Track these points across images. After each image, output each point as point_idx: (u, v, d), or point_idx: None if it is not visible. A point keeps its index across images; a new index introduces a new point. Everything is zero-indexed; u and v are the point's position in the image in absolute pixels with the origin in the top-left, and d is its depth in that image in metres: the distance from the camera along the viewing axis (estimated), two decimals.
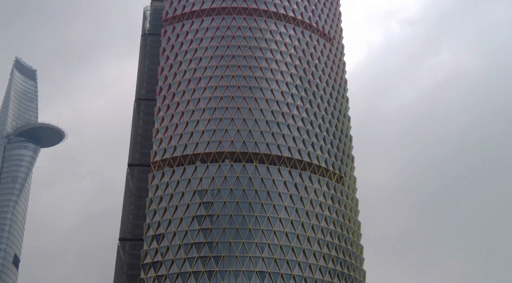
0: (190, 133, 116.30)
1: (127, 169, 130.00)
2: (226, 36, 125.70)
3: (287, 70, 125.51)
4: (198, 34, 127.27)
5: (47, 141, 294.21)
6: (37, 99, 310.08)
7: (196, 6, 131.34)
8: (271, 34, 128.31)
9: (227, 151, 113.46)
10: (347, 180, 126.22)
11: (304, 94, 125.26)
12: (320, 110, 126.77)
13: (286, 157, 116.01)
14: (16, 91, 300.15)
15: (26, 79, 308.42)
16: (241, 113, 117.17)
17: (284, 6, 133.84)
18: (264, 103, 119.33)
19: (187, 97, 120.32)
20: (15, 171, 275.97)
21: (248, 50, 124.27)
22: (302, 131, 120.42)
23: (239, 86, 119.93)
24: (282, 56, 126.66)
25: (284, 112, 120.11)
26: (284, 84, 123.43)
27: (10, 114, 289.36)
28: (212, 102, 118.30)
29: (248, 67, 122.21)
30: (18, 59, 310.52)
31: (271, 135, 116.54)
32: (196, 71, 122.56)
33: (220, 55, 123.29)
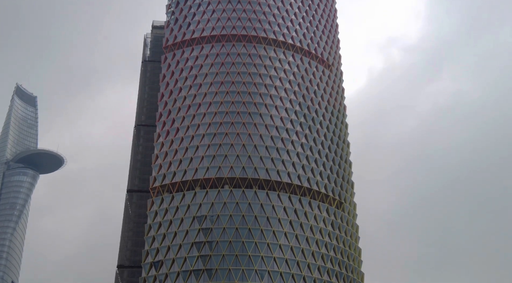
0: (189, 158, 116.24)
1: (126, 195, 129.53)
2: (225, 63, 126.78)
3: (287, 96, 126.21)
4: (198, 61, 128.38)
5: (46, 167, 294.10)
6: (37, 125, 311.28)
7: (196, 34, 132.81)
8: (270, 60, 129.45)
9: (226, 176, 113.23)
10: (347, 206, 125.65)
11: (304, 120, 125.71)
12: (320, 135, 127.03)
13: (286, 182, 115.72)
14: (16, 117, 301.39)
15: (27, 106, 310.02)
16: (240, 138, 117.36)
17: (283, 34, 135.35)
18: (263, 129, 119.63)
19: (187, 122, 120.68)
20: (13, 198, 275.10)
21: (248, 77, 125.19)
22: (301, 157, 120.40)
23: (238, 112, 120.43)
24: (281, 82, 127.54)
25: (284, 137, 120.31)
26: (284, 110, 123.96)
27: (10, 141, 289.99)
28: (212, 127, 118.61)
29: (247, 93, 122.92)
30: (18, 85, 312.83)
31: (270, 161, 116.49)
32: (196, 97, 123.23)
33: (220, 81, 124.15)
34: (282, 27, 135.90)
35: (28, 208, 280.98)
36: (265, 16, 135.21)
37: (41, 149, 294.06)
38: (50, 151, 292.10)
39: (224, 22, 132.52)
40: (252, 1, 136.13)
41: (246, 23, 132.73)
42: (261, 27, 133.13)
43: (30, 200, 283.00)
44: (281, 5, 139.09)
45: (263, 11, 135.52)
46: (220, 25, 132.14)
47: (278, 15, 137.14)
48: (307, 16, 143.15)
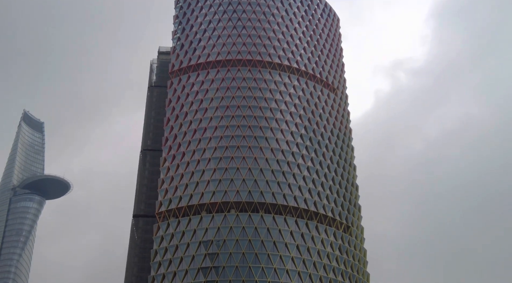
0: (195, 183, 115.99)
1: (132, 220, 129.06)
2: (231, 87, 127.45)
3: (292, 119, 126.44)
4: (204, 85, 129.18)
5: (53, 193, 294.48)
6: (44, 151, 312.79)
7: (202, 59, 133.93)
8: (276, 84, 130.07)
9: (232, 201, 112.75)
10: (355, 230, 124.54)
11: (309, 143, 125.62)
12: (326, 159, 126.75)
13: (292, 206, 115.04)
14: (23, 143, 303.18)
15: (34, 132, 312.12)
16: (246, 162, 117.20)
17: (288, 58, 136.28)
18: (269, 153, 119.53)
19: (193, 147, 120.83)
20: (19, 224, 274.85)
21: (253, 101, 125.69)
22: (308, 180, 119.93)
23: (244, 136, 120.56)
24: (286, 106, 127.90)
25: (290, 161, 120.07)
26: (289, 134, 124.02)
27: (17, 167, 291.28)
28: (218, 151, 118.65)
29: (253, 117, 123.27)
30: (26, 112, 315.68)
31: (276, 185, 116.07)
32: (202, 122, 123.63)
33: (226, 105, 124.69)
34: (287, 52, 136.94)
35: (34, 234, 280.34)
36: (270, 41, 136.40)
37: (47, 175, 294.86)
38: (56, 177, 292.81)
39: (229, 47, 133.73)
40: (257, 27, 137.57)
41: (251, 48, 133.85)
42: (266, 52, 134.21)
43: (36, 226, 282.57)
44: (286, 30, 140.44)
45: (268, 36, 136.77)
46: (226, 50, 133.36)
47: (283, 39, 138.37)
48: (312, 41, 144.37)
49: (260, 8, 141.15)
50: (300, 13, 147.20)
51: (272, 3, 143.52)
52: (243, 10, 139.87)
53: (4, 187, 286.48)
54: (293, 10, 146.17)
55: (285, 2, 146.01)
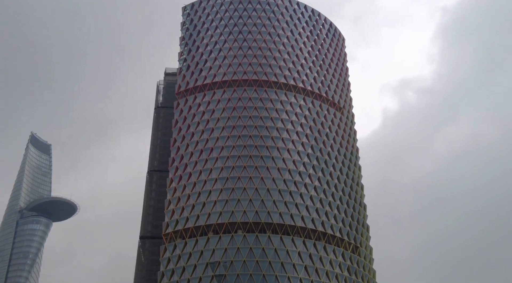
0: (202, 203, 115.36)
1: (138, 242, 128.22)
2: (237, 107, 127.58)
3: (298, 139, 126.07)
4: (210, 106, 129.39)
5: (59, 215, 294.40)
6: (51, 173, 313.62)
7: (208, 79, 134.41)
8: (282, 104, 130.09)
9: (239, 221, 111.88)
10: (363, 251, 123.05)
11: (316, 162, 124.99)
12: (333, 178, 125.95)
13: (300, 227, 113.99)
14: (31, 165, 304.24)
15: (41, 154, 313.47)
16: (253, 182, 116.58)
17: (294, 78, 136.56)
18: (276, 172, 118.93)
19: (199, 167, 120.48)
20: (26, 247, 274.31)
21: (259, 121, 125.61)
22: (315, 200, 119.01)
23: (251, 155, 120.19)
24: (293, 125, 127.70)
25: (297, 181, 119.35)
26: (296, 153, 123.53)
27: (24, 189, 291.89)
28: (224, 172, 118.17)
29: (259, 137, 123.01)
30: (33, 134, 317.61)
31: (284, 205, 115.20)
32: (208, 142, 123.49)
33: (232, 125, 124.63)
34: (292, 71, 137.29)
35: (41, 257, 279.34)
36: (275, 61, 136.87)
37: (54, 197, 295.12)
38: (63, 199, 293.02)
39: (235, 68, 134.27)
40: (263, 47, 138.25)
41: (257, 68, 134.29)
42: (271, 72, 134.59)
43: (43, 249, 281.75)
44: (291, 50, 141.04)
45: (273, 56, 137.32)
46: (232, 71, 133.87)
47: (289, 59, 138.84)
48: (317, 60, 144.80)
49: (265, 29, 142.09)
50: (305, 33, 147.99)
51: (277, 24, 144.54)
52: (249, 31, 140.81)
53: (11, 209, 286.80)
54: (299, 30, 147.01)
55: (290, 23, 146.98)
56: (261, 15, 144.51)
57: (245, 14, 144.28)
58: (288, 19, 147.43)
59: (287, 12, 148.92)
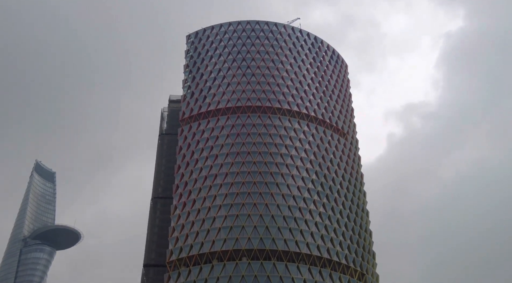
0: (206, 230, 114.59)
1: (142, 270, 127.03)
2: (241, 134, 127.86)
3: (303, 165, 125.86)
4: (214, 132, 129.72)
5: (63, 243, 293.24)
6: (55, 201, 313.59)
7: (212, 106, 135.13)
8: (285, 130, 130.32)
9: (244, 248, 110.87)
10: (370, 278, 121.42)
11: (321, 188, 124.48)
12: (338, 204, 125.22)
13: (305, 253, 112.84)
14: (35, 193, 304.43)
15: (45, 182, 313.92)
16: (257, 209, 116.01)
17: (298, 104, 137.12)
18: (280, 199, 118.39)
19: (203, 194, 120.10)
20: (30, 275, 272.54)
21: (263, 147, 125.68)
22: (320, 227, 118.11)
23: (255, 182, 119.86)
24: (297, 151, 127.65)
25: (301, 207, 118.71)
26: (300, 179, 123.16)
27: (28, 217, 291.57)
28: (228, 198, 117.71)
29: (263, 163, 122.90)
30: (38, 162, 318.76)
31: (288, 231, 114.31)
32: (212, 168, 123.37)
33: (236, 152, 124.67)
34: (296, 98, 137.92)
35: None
36: (279, 88, 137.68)
37: (58, 225, 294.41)
38: (67, 227, 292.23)
39: (239, 94, 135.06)
40: (266, 74, 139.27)
41: (260, 95, 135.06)
42: (275, 98, 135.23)
43: (46, 278, 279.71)
44: (295, 77, 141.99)
45: (277, 83, 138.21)
46: (235, 97, 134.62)
47: (292, 86, 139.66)
48: (321, 86, 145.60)
49: (268, 56, 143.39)
50: (308, 60, 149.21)
51: (280, 51, 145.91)
52: (252, 58, 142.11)
53: (15, 238, 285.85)
54: (302, 57, 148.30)
55: (293, 50, 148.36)
56: (264, 43, 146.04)
57: (249, 42, 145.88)
58: (291, 46, 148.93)
59: (290, 39, 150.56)
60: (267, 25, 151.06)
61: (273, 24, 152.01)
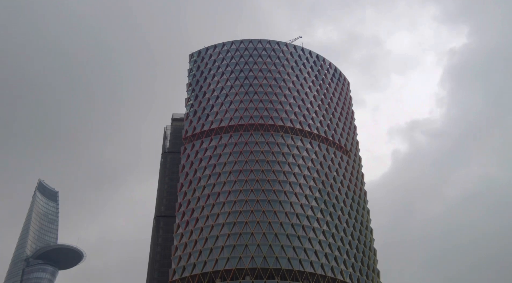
0: (209, 249, 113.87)
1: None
2: (244, 151, 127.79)
3: (306, 182, 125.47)
4: (217, 150, 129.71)
5: (66, 263, 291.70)
6: (58, 220, 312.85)
7: (214, 124, 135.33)
8: (288, 148, 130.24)
9: (247, 267, 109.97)
10: None
11: (324, 206, 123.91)
12: (341, 222, 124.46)
13: (309, 272, 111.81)
14: (38, 213, 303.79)
15: (48, 201, 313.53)
16: (260, 227, 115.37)
17: (300, 122, 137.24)
18: (284, 217, 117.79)
19: (206, 212, 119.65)
20: None
21: (266, 164, 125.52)
22: (323, 245, 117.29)
23: (258, 200, 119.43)
24: (300, 169, 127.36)
25: (305, 225, 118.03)
26: (303, 197, 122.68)
27: (30, 237, 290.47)
28: (231, 216, 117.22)
29: (266, 181, 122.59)
30: (41, 181, 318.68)
31: (292, 250, 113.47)
32: (215, 186, 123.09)
33: (239, 170, 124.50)
34: (298, 115, 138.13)
35: None
36: (281, 105, 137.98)
37: (60, 245, 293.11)
38: (69, 246, 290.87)
39: (241, 112, 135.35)
40: (269, 92, 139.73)
41: (263, 113, 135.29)
42: (278, 116, 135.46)
43: None
44: (297, 95, 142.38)
45: (279, 101, 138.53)
46: (238, 115, 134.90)
47: (294, 104, 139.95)
48: (323, 104, 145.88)
49: (271, 74, 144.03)
50: (310, 77, 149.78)
51: (282, 69, 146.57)
52: (255, 76, 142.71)
53: (17, 257, 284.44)
54: (304, 75, 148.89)
55: (295, 68, 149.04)
56: (267, 61, 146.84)
57: (251, 60, 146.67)
58: (293, 64, 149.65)
59: (292, 58, 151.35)
60: (269, 44, 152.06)
61: (275, 42, 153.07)
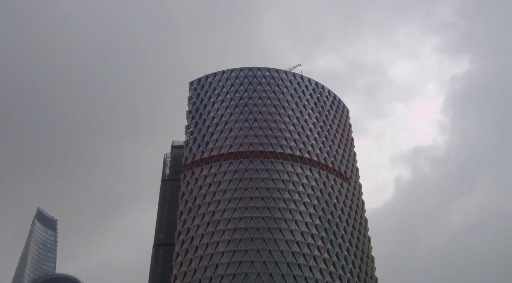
0: (209, 278, 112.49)
1: None
2: (244, 178, 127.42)
3: (306, 210, 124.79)
4: (217, 178, 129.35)
5: None
6: (56, 249, 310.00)
7: (214, 151, 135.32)
8: (288, 175, 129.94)
9: None
10: None
11: (325, 234, 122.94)
12: (342, 250, 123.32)
13: None
14: (36, 242, 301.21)
15: (47, 229, 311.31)
16: (261, 255, 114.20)
17: (300, 148, 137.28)
18: (284, 245, 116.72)
19: (206, 240, 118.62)
20: None
21: (266, 192, 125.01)
22: (325, 273, 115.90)
23: (258, 227, 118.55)
24: (300, 196, 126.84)
25: (306, 253, 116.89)
26: (304, 225, 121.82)
27: (28, 266, 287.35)
28: (231, 244, 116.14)
29: (266, 208, 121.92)
30: (40, 209, 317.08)
31: (293, 278, 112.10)
32: (215, 214, 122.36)
33: (239, 197, 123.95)
34: (298, 142, 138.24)
35: None
36: (281, 133, 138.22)
37: (58, 274, 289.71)
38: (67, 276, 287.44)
39: (241, 140, 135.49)
40: (268, 119, 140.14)
41: (263, 140, 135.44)
42: (277, 143, 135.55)
43: None
44: (297, 122, 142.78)
45: (279, 128, 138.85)
46: (238, 143, 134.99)
47: (294, 131, 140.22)
48: (322, 131, 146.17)
49: (270, 101, 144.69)
50: (310, 105, 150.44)
51: (282, 96, 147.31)
52: (254, 104, 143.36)
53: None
54: (303, 102, 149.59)
55: (295, 95, 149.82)
56: (266, 88, 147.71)
57: (250, 88, 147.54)
58: (293, 91, 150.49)
59: (291, 85, 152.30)
60: (269, 72, 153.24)
61: (274, 70, 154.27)
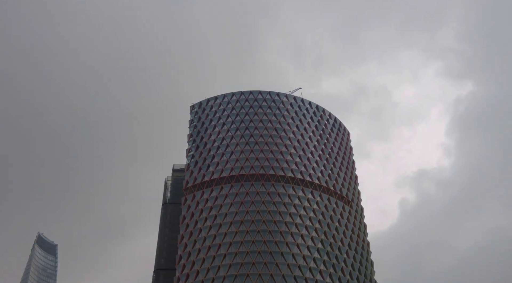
0: None
1: None
2: (245, 202, 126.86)
3: (308, 233, 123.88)
4: (218, 201, 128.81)
5: None
6: (56, 274, 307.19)
7: (215, 175, 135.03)
8: (290, 198, 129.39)
9: None
10: None
11: (327, 258, 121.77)
12: (345, 274, 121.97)
13: None
14: (36, 267, 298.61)
15: (47, 255, 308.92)
16: (262, 280, 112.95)
17: (301, 172, 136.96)
18: (286, 269, 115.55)
19: (207, 265, 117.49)
20: None
21: (267, 215, 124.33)
22: None
23: (259, 251, 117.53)
24: (301, 219, 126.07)
25: (308, 277, 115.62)
26: (306, 248, 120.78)
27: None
28: (233, 269, 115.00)
29: (268, 231, 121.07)
30: (40, 234, 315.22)
31: None
32: (216, 238, 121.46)
33: (240, 220, 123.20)
34: (299, 166, 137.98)
35: None
36: (282, 156, 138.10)
37: None
38: None
39: (242, 163, 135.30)
40: (269, 142, 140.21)
41: (264, 163, 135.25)
42: (278, 166, 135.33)
43: None
44: (298, 145, 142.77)
45: (280, 151, 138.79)
46: (239, 166, 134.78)
47: (295, 154, 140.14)
48: (324, 154, 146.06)
49: (271, 125, 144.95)
50: (310, 128, 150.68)
51: (283, 119, 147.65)
52: (255, 127, 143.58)
53: None
54: (304, 125, 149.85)
55: (296, 119, 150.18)
56: (267, 112, 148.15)
57: (251, 111, 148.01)
58: (294, 115, 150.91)
59: (292, 109, 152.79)
60: (270, 95, 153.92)
61: (275, 93, 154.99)
